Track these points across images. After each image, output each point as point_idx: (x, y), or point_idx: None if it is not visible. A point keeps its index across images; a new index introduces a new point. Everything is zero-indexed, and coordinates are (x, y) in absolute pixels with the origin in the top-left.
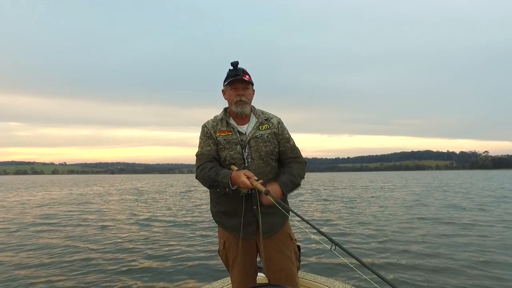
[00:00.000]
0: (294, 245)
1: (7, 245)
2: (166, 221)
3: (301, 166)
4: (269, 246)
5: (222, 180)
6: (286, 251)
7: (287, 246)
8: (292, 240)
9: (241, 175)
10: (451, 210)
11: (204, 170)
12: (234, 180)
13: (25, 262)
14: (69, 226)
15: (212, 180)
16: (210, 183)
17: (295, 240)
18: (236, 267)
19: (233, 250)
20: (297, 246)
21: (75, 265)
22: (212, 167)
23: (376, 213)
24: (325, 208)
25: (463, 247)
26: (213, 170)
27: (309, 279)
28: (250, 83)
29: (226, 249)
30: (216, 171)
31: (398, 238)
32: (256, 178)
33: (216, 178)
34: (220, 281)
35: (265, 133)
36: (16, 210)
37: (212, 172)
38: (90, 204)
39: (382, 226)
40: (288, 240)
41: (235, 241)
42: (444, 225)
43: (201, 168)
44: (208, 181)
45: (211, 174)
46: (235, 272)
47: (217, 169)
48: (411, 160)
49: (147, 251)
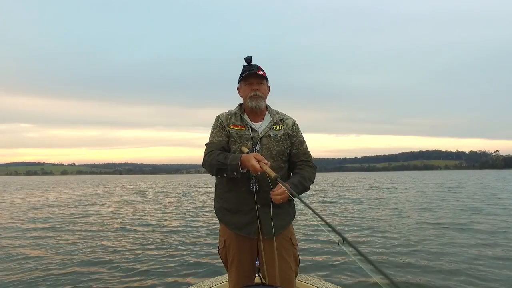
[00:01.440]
0: (295, 250)
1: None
2: (153, 225)
3: (312, 170)
4: (269, 249)
5: (231, 163)
6: (286, 256)
7: (287, 250)
8: (293, 245)
9: (251, 158)
10: (472, 214)
11: (213, 155)
12: (244, 163)
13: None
14: (55, 231)
15: (220, 163)
16: (218, 166)
17: (296, 245)
18: (235, 266)
19: (233, 249)
20: (297, 251)
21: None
22: (220, 152)
23: (388, 217)
24: (331, 212)
25: (489, 260)
26: (222, 155)
27: (301, 280)
28: (264, 78)
29: (226, 248)
30: (225, 155)
31: (412, 244)
32: (267, 161)
33: (225, 161)
34: (213, 279)
35: (278, 133)
36: (4, 213)
37: (221, 156)
38: (84, 206)
39: (398, 232)
40: (289, 245)
41: (236, 239)
42: (471, 233)
43: (210, 154)
44: (216, 165)
45: (220, 158)
46: (233, 271)
47: (226, 154)
48: (420, 160)
49: (128, 256)
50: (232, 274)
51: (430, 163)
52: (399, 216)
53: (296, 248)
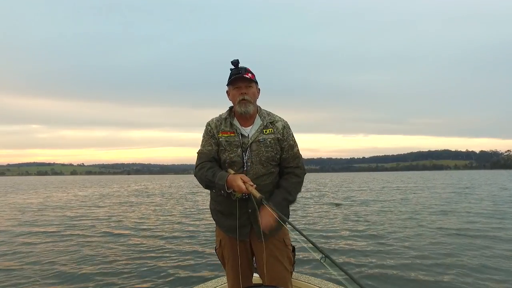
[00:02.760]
0: (288, 250)
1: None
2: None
3: (298, 180)
4: (262, 250)
5: (218, 182)
6: (280, 257)
7: (281, 251)
8: (287, 246)
9: (237, 179)
10: (502, 219)
11: (202, 170)
12: (230, 183)
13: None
14: (42, 234)
15: (208, 180)
16: (207, 183)
17: (289, 245)
18: (231, 267)
19: (228, 250)
20: (292, 250)
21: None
22: (210, 168)
23: (399, 222)
24: (334, 216)
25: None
26: (211, 171)
27: (303, 280)
28: (253, 81)
29: (222, 248)
30: (213, 172)
31: (443, 257)
32: (252, 183)
33: (213, 179)
34: (214, 281)
35: (268, 137)
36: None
37: (209, 172)
38: (83, 208)
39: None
40: (282, 246)
41: (230, 241)
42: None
43: (200, 167)
44: (204, 181)
45: (208, 175)
46: (230, 271)
47: (215, 170)
48: (429, 160)
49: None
50: (229, 274)
51: (440, 163)
52: (418, 222)
53: (290, 248)
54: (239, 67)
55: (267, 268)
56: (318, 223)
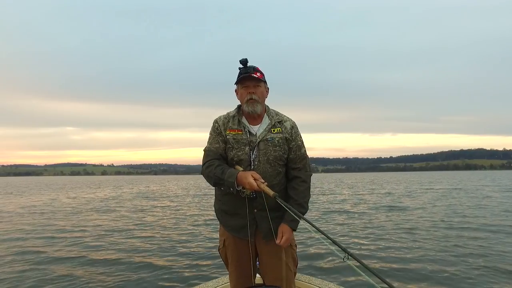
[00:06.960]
0: (293, 251)
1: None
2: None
3: (306, 186)
4: (267, 251)
5: (228, 179)
6: (285, 258)
7: (286, 251)
8: (291, 246)
9: (248, 176)
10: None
11: (210, 167)
12: (240, 180)
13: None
14: (34, 239)
15: (217, 178)
16: (215, 180)
17: (294, 246)
18: (234, 267)
19: (232, 250)
20: (295, 252)
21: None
22: (218, 165)
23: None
24: (356, 223)
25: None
26: (220, 168)
27: (304, 281)
28: (261, 80)
29: (226, 248)
30: (222, 169)
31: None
32: (263, 180)
33: (222, 176)
34: (215, 281)
35: (276, 136)
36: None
37: (218, 169)
38: (89, 213)
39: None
40: (288, 246)
41: (234, 240)
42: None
43: (207, 164)
44: (213, 178)
45: (217, 172)
46: (233, 271)
47: (224, 167)
48: (461, 159)
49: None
50: (232, 274)
51: (473, 162)
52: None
53: (295, 249)
54: (247, 66)
55: (271, 269)
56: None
